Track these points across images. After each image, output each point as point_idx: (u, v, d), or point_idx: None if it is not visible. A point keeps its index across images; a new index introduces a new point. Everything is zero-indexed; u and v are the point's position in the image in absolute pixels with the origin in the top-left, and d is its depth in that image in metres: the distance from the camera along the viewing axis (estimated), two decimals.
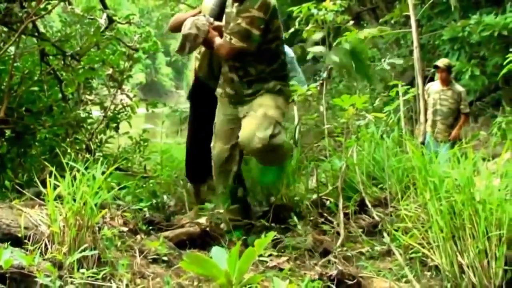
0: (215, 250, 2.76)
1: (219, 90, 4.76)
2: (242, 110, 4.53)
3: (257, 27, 4.25)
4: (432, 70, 7.63)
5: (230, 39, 4.30)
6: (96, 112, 5.84)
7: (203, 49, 5.06)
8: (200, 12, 5.01)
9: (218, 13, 4.93)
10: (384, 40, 9.05)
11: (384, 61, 7.35)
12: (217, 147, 4.66)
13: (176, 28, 4.92)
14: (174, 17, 5.30)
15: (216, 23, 4.76)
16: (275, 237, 4.65)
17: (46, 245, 3.37)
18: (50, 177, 3.48)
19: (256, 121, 4.31)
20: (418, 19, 7.91)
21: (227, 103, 4.66)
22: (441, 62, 7.09)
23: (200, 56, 5.28)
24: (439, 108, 7.02)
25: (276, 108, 4.39)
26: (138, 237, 4.06)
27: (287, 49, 5.47)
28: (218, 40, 4.47)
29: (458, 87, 6.93)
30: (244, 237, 4.48)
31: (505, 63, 5.52)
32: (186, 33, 4.47)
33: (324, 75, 6.21)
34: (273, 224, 5.01)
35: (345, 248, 4.32)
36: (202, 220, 4.72)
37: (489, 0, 8.32)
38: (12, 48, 4.97)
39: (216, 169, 4.70)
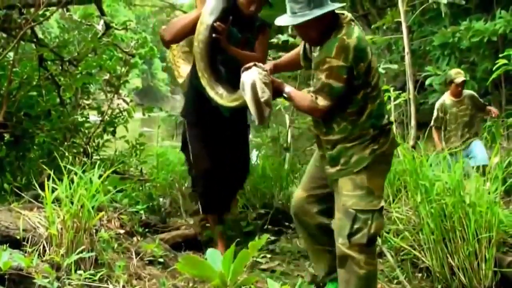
0: (210, 252, 2.81)
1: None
2: (329, 177, 3.62)
3: (339, 77, 3.34)
4: (424, 74, 7.71)
5: (316, 98, 3.42)
6: (93, 117, 5.87)
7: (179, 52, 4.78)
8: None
9: (226, 7, 4.22)
10: (376, 45, 9.10)
11: (379, 66, 7.41)
12: (296, 192, 3.93)
13: (179, 35, 4.36)
14: (172, 23, 4.50)
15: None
16: (270, 240, 4.72)
17: (44, 247, 3.40)
18: (48, 180, 3.52)
19: (337, 218, 3.50)
20: (409, 26, 7.96)
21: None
22: (459, 76, 6.84)
23: (183, 61, 5.07)
24: (461, 120, 6.81)
25: (355, 191, 3.44)
26: (135, 239, 4.10)
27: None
28: (300, 97, 3.56)
29: (466, 92, 6.84)
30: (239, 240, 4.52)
31: (494, 68, 5.58)
32: (264, 100, 3.49)
33: None
34: (269, 227, 5.08)
35: None
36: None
37: (479, 6, 8.39)
38: (11, 54, 5.02)
39: (294, 220, 3.94)
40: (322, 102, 3.41)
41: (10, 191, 4.35)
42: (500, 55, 5.67)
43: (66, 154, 4.64)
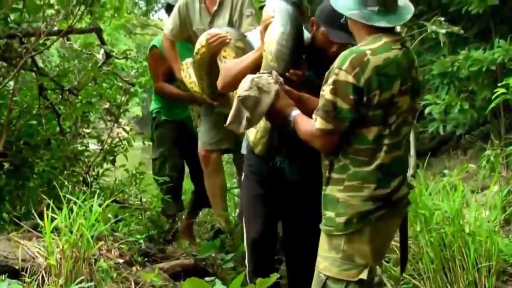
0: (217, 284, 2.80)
1: None
2: None
3: (345, 97, 2.66)
4: (423, 103, 7.72)
5: (315, 119, 2.76)
6: (93, 145, 5.89)
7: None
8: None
9: (295, 48, 3.25)
10: None
11: None
12: None
13: (231, 85, 3.40)
14: (228, 68, 3.55)
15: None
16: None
17: (43, 277, 3.41)
18: (47, 209, 3.53)
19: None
20: None
21: None
22: None
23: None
24: None
25: (330, 252, 2.84)
26: (134, 268, 4.10)
27: None
28: (304, 122, 2.89)
29: None
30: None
31: (493, 97, 5.60)
32: (242, 96, 2.89)
33: None
34: None
35: None
36: None
37: (477, 35, 8.43)
38: (11, 83, 5.04)
39: None
40: (319, 124, 2.73)
41: (9, 220, 4.35)
42: (499, 84, 5.70)
43: (66, 183, 4.65)
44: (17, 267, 3.43)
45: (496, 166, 5.46)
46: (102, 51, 6.19)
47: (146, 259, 4.43)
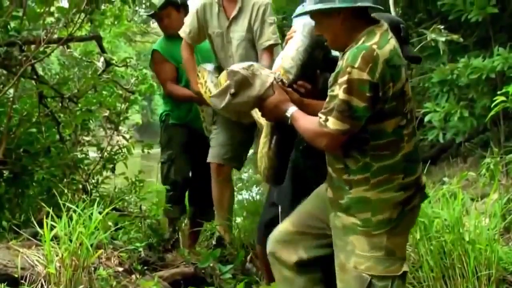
0: None
1: None
2: (337, 226, 2.91)
3: (361, 95, 2.61)
4: (423, 111, 7.74)
5: (326, 120, 2.68)
6: (93, 153, 5.89)
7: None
8: None
9: (308, 63, 3.21)
10: None
11: None
12: (279, 227, 3.24)
13: None
14: None
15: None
16: None
17: (42, 285, 3.41)
18: (47, 217, 3.53)
19: (340, 281, 2.89)
20: (408, 63, 8.02)
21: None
22: None
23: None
24: None
25: (372, 252, 2.78)
26: (133, 277, 4.09)
27: None
28: (307, 120, 2.84)
29: None
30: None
31: (493, 105, 5.60)
32: (233, 70, 2.93)
33: None
34: None
35: None
36: None
37: (477, 43, 8.45)
38: (11, 91, 5.04)
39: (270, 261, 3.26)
40: (333, 125, 2.65)
41: (9, 228, 4.34)
42: (499, 92, 5.70)
43: (65, 191, 4.64)
44: (16, 276, 3.43)
45: (495, 174, 5.46)
46: (102, 59, 6.19)
47: (145, 267, 4.42)
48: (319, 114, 2.71)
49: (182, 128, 5.49)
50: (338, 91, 2.63)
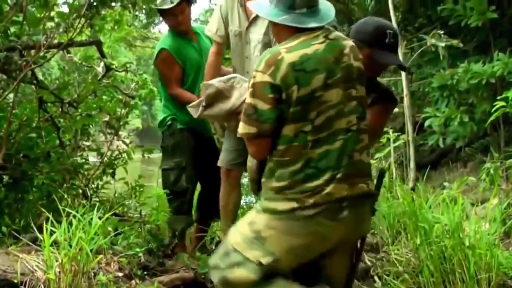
0: None
1: None
2: None
3: (263, 97, 2.65)
4: (423, 116, 7.75)
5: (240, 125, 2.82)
6: (93, 158, 5.88)
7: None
8: None
9: None
10: None
11: None
12: None
13: None
14: None
15: None
16: None
17: None
18: (46, 223, 3.53)
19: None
20: (408, 67, 8.05)
21: None
22: None
23: None
24: None
25: (245, 226, 2.87)
26: (133, 282, 4.08)
27: None
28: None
29: None
30: None
31: (493, 110, 5.61)
32: (207, 83, 3.16)
33: None
34: None
35: None
36: None
37: (477, 48, 8.46)
38: (11, 96, 5.04)
39: None
40: (242, 129, 2.75)
41: (8, 234, 4.33)
42: (498, 97, 5.71)
43: (65, 196, 4.63)
44: (16, 281, 3.42)
45: (495, 179, 5.47)
46: (102, 64, 6.19)
47: (145, 272, 4.41)
48: None
49: (189, 132, 5.34)
50: (247, 95, 2.71)
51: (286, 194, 2.70)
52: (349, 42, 2.84)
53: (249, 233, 2.77)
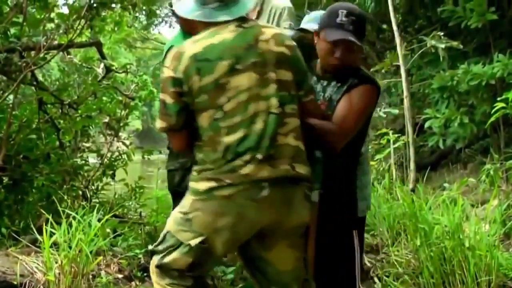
0: None
1: None
2: None
3: (167, 92, 2.73)
4: (423, 117, 7.74)
5: None
6: (93, 160, 5.88)
7: None
8: None
9: None
10: None
11: (380, 110, 7.45)
12: None
13: None
14: None
15: None
16: None
17: None
18: (46, 224, 3.52)
19: None
20: (408, 69, 8.05)
21: None
22: None
23: None
24: None
25: (177, 209, 2.88)
26: (133, 283, 4.08)
27: None
28: None
29: None
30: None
31: (493, 111, 5.61)
32: None
33: None
34: None
35: None
36: None
37: (477, 50, 8.46)
38: (11, 97, 5.05)
39: None
40: (157, 124, 2.84)
41: (8, 235, 4.34)
42: (498, 99, 5.71)
43: (65, 197, 4.64)
44: (15, 283, 3.43)
45: (495, 180, 5.47)
46: (102, 65, 6.20)
47: (145, 274, 4.41)
48: None
49: None
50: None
51: (206, 174, 2.69)
52: (272, 30, 2.86)
53: (179, 215, 2.78)
